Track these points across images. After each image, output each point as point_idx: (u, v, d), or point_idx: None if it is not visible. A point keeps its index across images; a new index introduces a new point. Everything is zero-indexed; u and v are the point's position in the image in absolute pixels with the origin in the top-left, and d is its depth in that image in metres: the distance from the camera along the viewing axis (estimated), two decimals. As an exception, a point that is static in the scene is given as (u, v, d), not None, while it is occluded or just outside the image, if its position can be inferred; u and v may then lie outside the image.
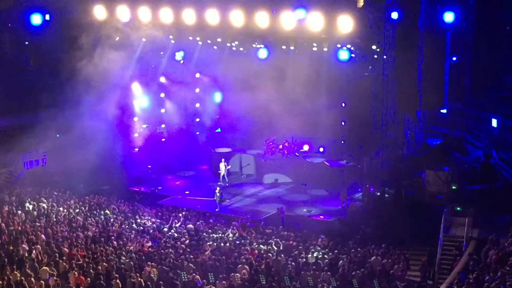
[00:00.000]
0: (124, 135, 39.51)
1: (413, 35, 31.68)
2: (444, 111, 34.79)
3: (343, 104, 36.16)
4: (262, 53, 34.97)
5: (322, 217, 31.77)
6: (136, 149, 40.29)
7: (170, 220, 29.92)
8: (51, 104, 34.23)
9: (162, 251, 24.86)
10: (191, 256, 24.25)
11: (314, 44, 34.29)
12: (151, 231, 28.04)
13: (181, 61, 40.42)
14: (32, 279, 20.78)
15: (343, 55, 32.29)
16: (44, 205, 30.65)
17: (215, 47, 38.33)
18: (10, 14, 37.27)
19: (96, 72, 34.26)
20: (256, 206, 34.05)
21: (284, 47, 35.41)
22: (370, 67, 33.35)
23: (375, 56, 32.69)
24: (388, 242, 26.10)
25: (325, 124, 36.03)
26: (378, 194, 31.76)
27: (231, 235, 28.02)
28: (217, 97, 42.60)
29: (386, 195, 31.52)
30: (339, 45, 32.43)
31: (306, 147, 38.68)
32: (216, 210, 33.11)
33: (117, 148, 38.23)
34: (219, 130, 43.19)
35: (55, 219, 28.63)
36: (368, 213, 30.45)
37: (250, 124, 40.29)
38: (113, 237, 26.29)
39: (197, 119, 42.85)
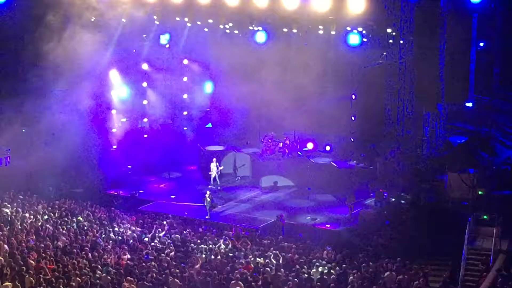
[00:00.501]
0: (100, 130, 39.47)
1: (435, 18, 31.69)
2: (470, 104, 34.83)
3: (353, 96, 36.31)
4: (260, 37, 35.00)
5: (329, 226, 31.84)
6: (114, 147, 40.35)
7: (153, 228, 29.92)
8: (14, 93, 34.15)
9: (144, 264, 24.84)
10: (177, 270, 24.27)
11: (320, 27, 34.32)
12: (131, 241, 28.04)
13: (167, 45, 40.46)
14: (-7, 296, 20.78)
15: (354, 39, 32.52)
16: (7, 210, 30.59)
17: (205, 30, 38.31)
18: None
19: (66, 57, 34.15)
20: (252, 213, 34.11)
21: (285, 30, 35.45)
22: (384, 53, 33.45)
23: (390, 41, 32.77)
24: (404, 256, 26.15)
25: (332, 119, 36.15)
26: (393, 200, 31.81)
27: (223, 246, 28.02)
28: (208, 87, 42.72)
29: (402, 201, 31.57)
30: (348, 28, 32.61)
31: (310, 146, 38.80)
32: (206, 217, 33.17)
33: (92, 145, 38.24)
34: (210, 125, 43.28)
35: (20, 227, 28.59)
36: (382, 222, 30.48)
37: (245, 118, 40.34)
38: (87, 248, 26.27)
39: (185, 113, 42.91)
